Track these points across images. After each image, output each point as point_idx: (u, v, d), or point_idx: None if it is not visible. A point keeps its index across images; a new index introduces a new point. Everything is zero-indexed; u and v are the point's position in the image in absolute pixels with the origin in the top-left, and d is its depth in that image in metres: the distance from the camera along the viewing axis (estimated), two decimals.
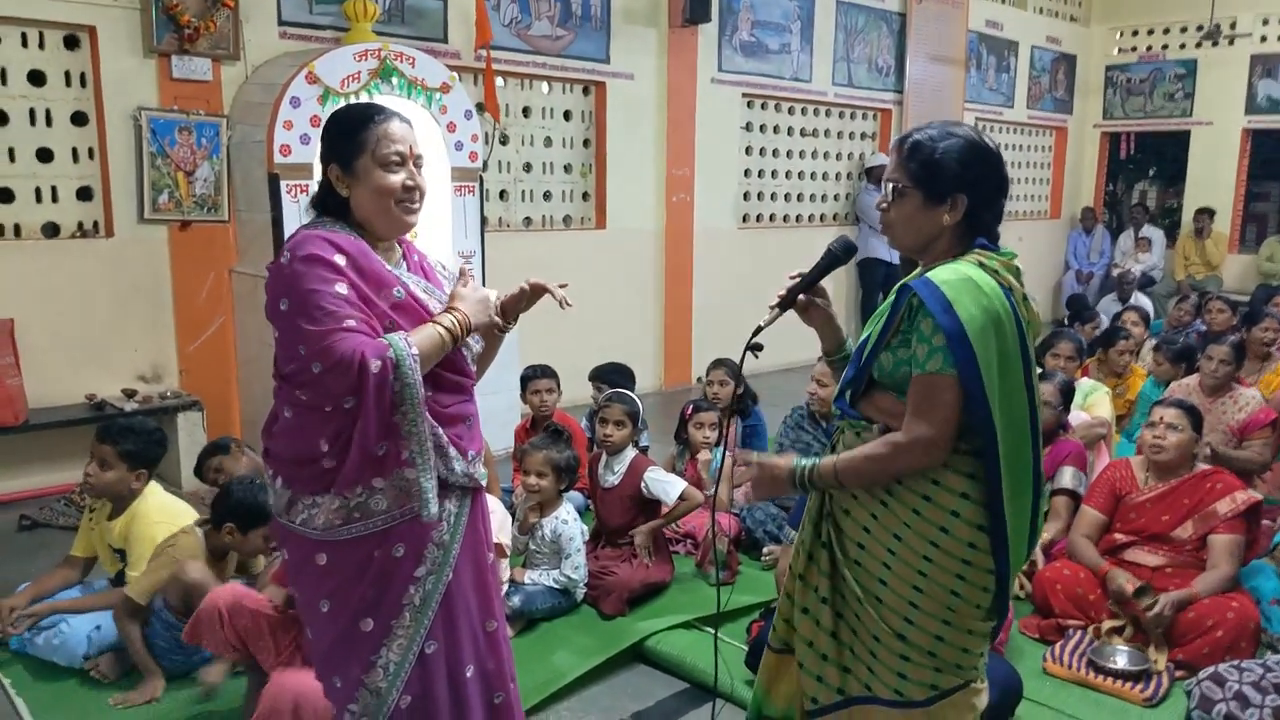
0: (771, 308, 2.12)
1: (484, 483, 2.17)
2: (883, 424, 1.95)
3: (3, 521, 4.61)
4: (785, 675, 2.19)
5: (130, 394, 5.11)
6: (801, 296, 2.13)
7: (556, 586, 3.62)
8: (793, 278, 2.13)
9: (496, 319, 2.14)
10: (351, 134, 2.00)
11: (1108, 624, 3.34)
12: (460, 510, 2.10)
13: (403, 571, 2.02)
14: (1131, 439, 5.15)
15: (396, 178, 2.01)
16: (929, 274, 1.88)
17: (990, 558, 1.92)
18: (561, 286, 2.25)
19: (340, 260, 1.91)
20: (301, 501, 1.98)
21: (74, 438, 4.73)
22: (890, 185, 1.97)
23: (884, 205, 1.99)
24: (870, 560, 1.97)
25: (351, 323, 1.87)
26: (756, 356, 2.08)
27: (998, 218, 1.99)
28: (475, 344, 2.15)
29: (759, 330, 2.10)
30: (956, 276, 1.85)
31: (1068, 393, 4.24)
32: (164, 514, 3.25)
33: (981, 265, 1.90)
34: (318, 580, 1.97)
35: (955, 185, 1.91)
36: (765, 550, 4.15)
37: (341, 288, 1.89)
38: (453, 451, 2.04)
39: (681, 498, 3.80)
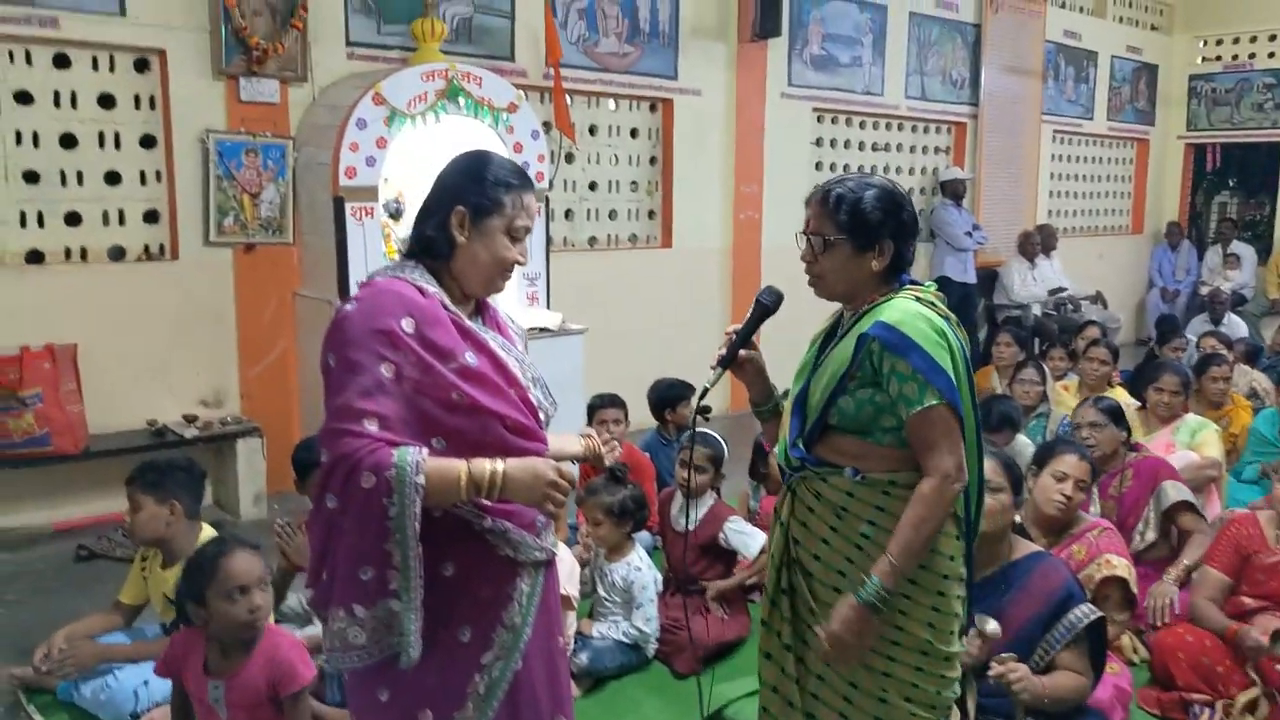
0: (712, 368, 2.18)
1: (558, 552, 1.98)
2: (851, 467, 2.02)
3: (60, 551, 4.54)
4: None
5: (191, 419, 5.04)
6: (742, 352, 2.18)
7: (627, 640, 3.42)
8: (729, 334, 2.19)
9: (551, 507, 1.82)
10: (496, 189, 1.86)
11: (1240, 699, 3.02)
12: (533, 589, 1.91)
13: (468, 657, 1.84)
14: (1241, 479, 4.82)
15: (515, 251, 1.90)
16: (881, 318, 1.97)
17: (960, 584, 2.05)
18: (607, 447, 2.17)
19: (407, 326, 1.75)
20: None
21: (134, 464, 4.59)
22: (819, 238, 2.05)
23: (809, 258, 2.08)
24: None
25: (372, 425, 1.69)
26: (707, 420, 2.17)
27: (912, 258, 2.12)
28: (550, 407, 1.97)
29: (705, 393, 2.17)
30: (907, 315, 1.96)
31: (1114, 412, 4.00)
32: None
33: (918, 300, 2.03)
34: (376, 665, 1.79)
35: (881, 232, 2.02)
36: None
37: (387, 371, 1.72)
38: (518, 535, 1.85)
39: (763, 551, 3.58)
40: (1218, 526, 3.93)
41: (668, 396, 4.93)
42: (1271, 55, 11.05)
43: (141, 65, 5.04)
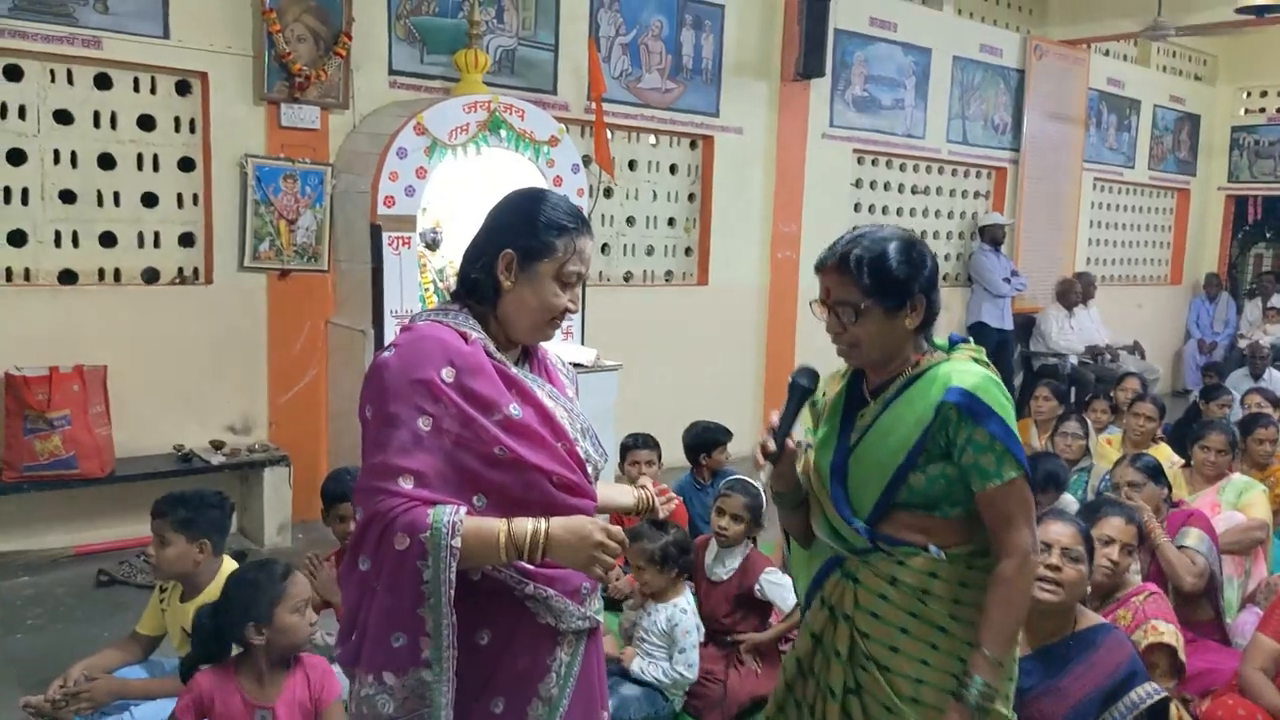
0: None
1: (601, 619, 1.87)
2: (934, 545, 1.90)
3: (81, 575, 4.47)
4: None
5: (218, 445, 4.97)
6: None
7: (666, 680, 3.30)
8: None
9: (599, 572, 1.68)
10: (549, 231, 1.76)
11: None
12: (573, 659, 1.79)
13: None
14: None
15: (564, 298, 1.79)
16: (955, 384, 1.85)
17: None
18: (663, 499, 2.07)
19: (447, 376, 1.65)
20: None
21: (159, 489, 4.46)
22: (847, 308, 1.89)
23: (839, 329, 1.92)
24: (932, 692, 1.92)
25: (407, 483, 1.60)
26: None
27: (940, 307, 1.98)
28: (600, 459, 1.86)
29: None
30: (981, 380, 1.86)
31: (1153, 469, 3.94)
32: None
33: (976, 361, 1.93)
34: None
35: (911, 288, 1.89)
36: None
37: (425, 424, 1.63)
38: (560, 603, 1.74)
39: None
40: (1269, 593, 3.79)
41: (704, 440, 4.81)
42: None
43: (183, 88, 5.03)
